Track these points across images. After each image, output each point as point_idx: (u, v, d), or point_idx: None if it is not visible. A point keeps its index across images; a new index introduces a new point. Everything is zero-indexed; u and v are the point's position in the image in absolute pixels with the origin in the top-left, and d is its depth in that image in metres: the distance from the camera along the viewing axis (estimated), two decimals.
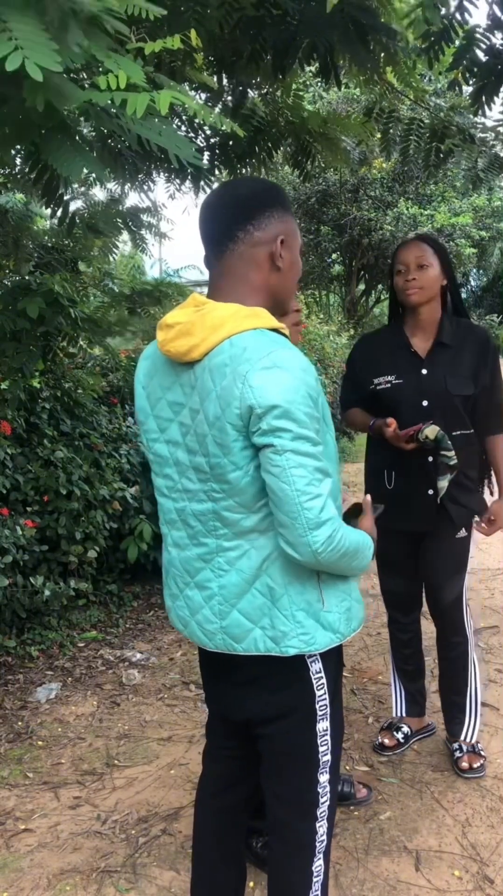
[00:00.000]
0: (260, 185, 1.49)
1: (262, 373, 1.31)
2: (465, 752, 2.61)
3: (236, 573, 1.44)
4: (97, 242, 3.67)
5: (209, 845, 1.77)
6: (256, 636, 1.45)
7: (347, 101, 10.95)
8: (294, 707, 1.50)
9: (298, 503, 1.32)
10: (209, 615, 1.49)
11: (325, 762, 1.52)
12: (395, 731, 2.75)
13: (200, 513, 1.46)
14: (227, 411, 1.34)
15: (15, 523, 3.51)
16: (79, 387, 4.29)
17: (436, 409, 2.36)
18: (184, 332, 1.40)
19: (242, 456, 1.36)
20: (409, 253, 2.38)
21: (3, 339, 3.14)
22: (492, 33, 2.93)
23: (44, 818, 2.45)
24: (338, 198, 13.37)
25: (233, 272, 1.44)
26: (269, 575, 1.43)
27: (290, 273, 1.48)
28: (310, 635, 1.44)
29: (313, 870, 1.56)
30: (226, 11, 2.59)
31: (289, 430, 1.31)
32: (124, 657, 3.66)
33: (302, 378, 1.34)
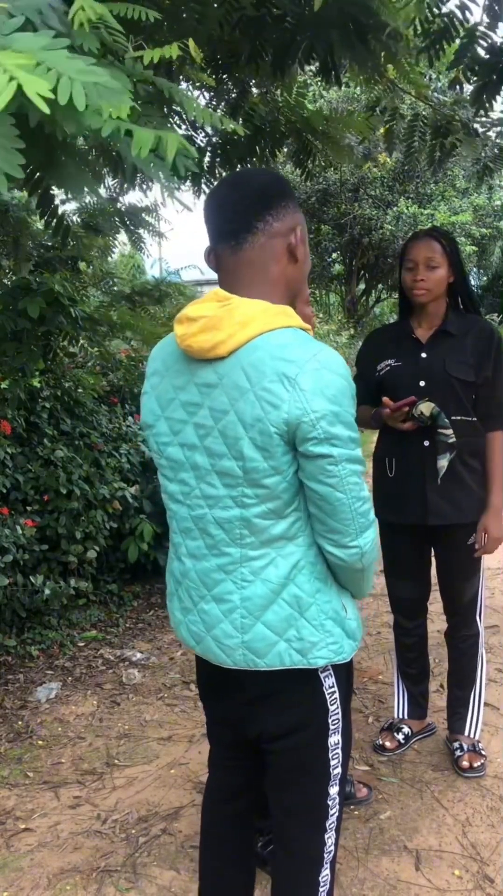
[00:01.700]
0: (271, 176, 1.44)
1: (312, 375, 1.26)
2: (466, 751, 2.60)
3: (261, 583, 1.38)
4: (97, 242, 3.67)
5: (216, 853, 1.75)
6: (281, 650, 1.39)
7: (348, 101, 10.95)
8: (306, 723, 1.46)
9: (353, 509, 1.32)
10: (229, 629, 1.41)
11: (336, 775, 1.50)
12: (396, 732, 2.75)
13: (225, 520, 1.38)
14: (271, 414, 1.27)
15: (15, 523, 3.51)
16: (79, 386, 4.29)
17: (433, 390, 2.35)
18: (209, 326, 1.32)
19: (284, 461, 1.31)
20: (420, 251, 2.38)
21: (3, 338, 3.14)
22: (493, 30, 2.93)
23: (44, 818, 2.45)
24: (339, 197, 13.37)
25: (252, 265, 1.36)
26: (297, 584, 1.37)
27: (305, 265, 1.44)
28: (338, 644, 1.41)
29: (320, 880, 1.55)
30: (226, 11, 2.58)
31: (342, 436, 1.28)
32: (124, 657, 3.66)
33: (347, 378, 1.31)
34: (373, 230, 13.27)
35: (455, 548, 2.51)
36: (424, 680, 2.79)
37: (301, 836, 1.54)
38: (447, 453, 2.32)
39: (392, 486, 2.48)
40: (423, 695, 2.79)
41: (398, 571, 2.64)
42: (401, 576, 2.64)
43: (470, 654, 2.63)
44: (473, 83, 3.22)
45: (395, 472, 2.47)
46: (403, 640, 2.74)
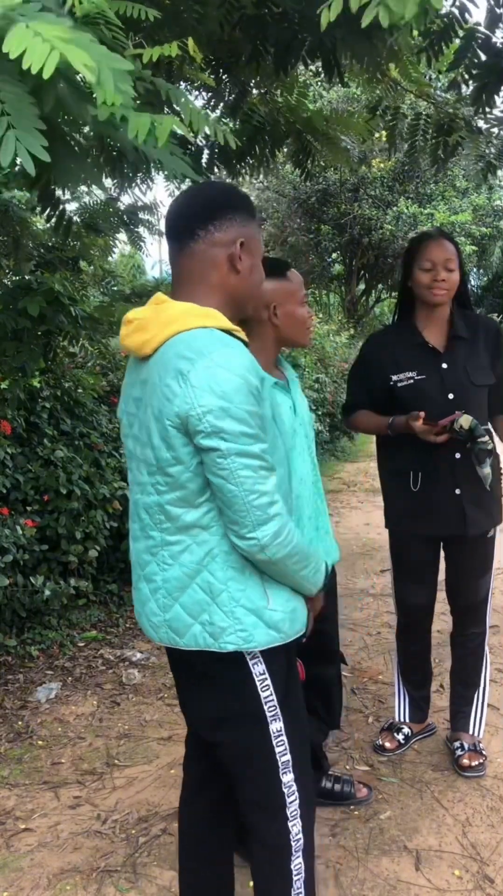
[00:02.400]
0: (226, 189, 1.55)
1: (203, 372, 1.34)
2: (467, 750, 2.60)
3: (178, 567, 1.46)
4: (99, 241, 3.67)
5: (192, 852, 1.78)
6: (196, 631, 1.47)
7: (348, 101, 10.95)
8: (240, 710, 1.51)
9: (247, 502, 1.37)
10: (154, 608, 1.52)
11: (286, 762, 1.53)
12: (396, 733, 2.74)
13: (148, 506, 1.49)
14: (167, 407, 1.37)
15: (15, 523, 3.51)
16: (79, 386, 4.29)
17: (461, 401, 2.35)
18: (139, 327, 1.46)
19: (184, 452, 1.39)
20: (439, 253, 2.36)
21: (3, 337, 3.13)
22: (492, 31, 2.93)
23: (44, 818, 2.45)
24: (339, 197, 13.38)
25: (192, 271, 1.47)
26: (210, 571, 1.44)
27: (250, 278, 1.51)
28: (247, 632, 1.45)
29: (292, 868, 1.57)
30: (226, 11, 2.58)
31: (230, 430, 1.35)
32: (124, 657, 3.66)
33: (244, 377, 1.36)
34: (373, 230, 13.27)
35: (472, 548, 2.50)
36: (426, 684, 2.78)
37: (262, 825, 1.58)
38: (488, 459, 2.32)
39: (418, 499, 2.43)
40: (425, 699, 2.78)
41: (413, 579, 2.60)
42: (415, 583, 2.60)
43: (477, 653, 2.63)
44: (473, 84, 3.22)
45: (422, 485, 2.43)
46: (410, 647, 2.71)
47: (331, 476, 8.45)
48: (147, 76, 1.49)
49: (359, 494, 7.54)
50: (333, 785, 2.43)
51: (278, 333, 1.95)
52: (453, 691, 2.70)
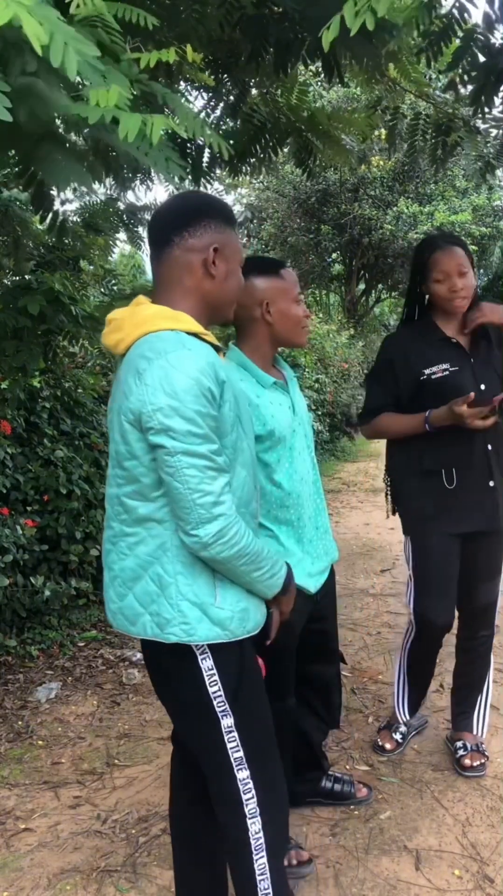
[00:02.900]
0: (202, 198, 1.61)
1: (156, 371, 1.40)
2: (469, 750, 2.59)
3: (133, 558, 1.52)
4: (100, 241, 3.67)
5: (179, 845, 1.81)
6: (145, 621, 1.52)
7: (348, 100, 10.96)
8: (190, 703, 1.56)
9: (191, 500, 1.41)
10: (112, 595, 1.58)
11: (240, 758, 1.55)
12: (394, 733, 2.74)
13: (110, 497, 1.56)
14: (124, 403, 1.44)
15: (15, 523, 3.51)
16: (79, 386, 4.29)
17: (492, 392, 2.33)
18: (116, 327, 1.53)
19: (138, 447, 1.45)
20: (450, 261, 2.33)
21: (3, 336, 3.13)
22: (491, 32, 2.93)
23: (44, 818, 2.45)
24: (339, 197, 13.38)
25: (168, 275, 1.53)
26: (161, 564, 1.49)
27: (226, 283, 1.56)
28: (190, 625, 1.48)
29: (255, 868, 1.58)
30: (226, 11, 2.58)
31: (178, 429, 1.39)
32: (124, 656, 3.66)
33: (196, 378, 1.40)
34: (373, 230, 13.27)
35: (488, 546, 2.48)
36: (428, 686, 2.77)
37: (224, 821, 1.62)
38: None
39: (456, 496, 2.39)
40: (423, 696, 2.79)
41: (434, 587, 2.47)
42: (436, 592, 2.47)
43: (485, 656, 2.61)
44: (471, 85, 3.21)
45: (458, 481, 2.38)
46: (423, 665, 2.66)
47: (332, 476, 8.45)
48: (143, 79, 1.48)
49: (359, 494, 7.54)
50: (333, 785, 2.43)
51: (273, 332, 1.94)
52: (458, 693, 2.68)
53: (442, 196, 13.52)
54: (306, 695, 2.25)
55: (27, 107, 1.31)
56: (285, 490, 1.94)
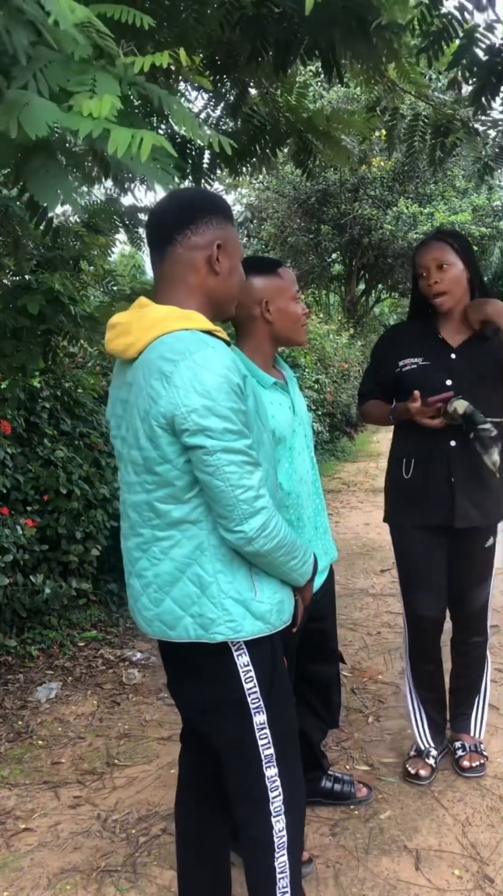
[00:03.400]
0: (201, 194, 1.61)
1: (185, 372, 1.39)
2: (468, 752, 2.58)
3: (169, 562, 1.51)
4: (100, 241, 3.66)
5: (184, 844, 1.80)
6: (187, 624, 1.51)
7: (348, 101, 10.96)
8: (224, 700, 1.55)
9: (233, 496, 1.41)
10: (146, 603, 1.56)
11: (270, 755, 1.55)
12: (426, 758, 2.56)
13: (137, 504, 1.53)
14: (153, 409, 1.42)
15: (15, 523, 3.51)
16: (79, 386, 4.29)
17: (461, 389, 2.28)
18: (123, 332, 1.51)
19: (171, 450, 1.43)
20: (427, 255, 2.31)
21: (3, 336, 3.13)
22: (492, 32, 2.93)
23: (44, 818, 2.45)
24: (339, 197, 13.38)
25: (172, 274, 1.52)
26: (200, 564, 1.49)
27: (230, 279, 1.56)
28: (236, 622, 1.49)
29: (276, 866, 1.58)
30: (226, 11, 2.58)
31: (215, 427, 1.39)
32: (124, 656, 3.66)
33: (224, 375, 1.40)
34: (372, 230, 13.27)
35: (470, 551, 2.46)
36: (444, 702, 2.65)
37: (246, 819, 1.61)
38: (494, 447, 2.23)
39: (411, 487, 2.40)
40: (443, 717, 2.65)
41: (417, 581, 2.49)
42: (421, 586, 2.49)
43: (479, 661, 2.59)
44: (472, 84, 3.22)
45: (413, 472, 2.39)
46: (425, 667, 2.56)
47: (331, 476, 8.45)
48: (140, 82, 1.48)
49: (359, 494, 7.54)
50: (333, 785, 2.43)
51: (272, 331, 1.95)
52: (454, 696, 2.66)
53: (442, 196, 13.53)
54: (306, 694, 2.25)
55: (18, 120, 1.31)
56: (285, 490, 1.94)
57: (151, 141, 1.32)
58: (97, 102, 1.30)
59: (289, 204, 13.86)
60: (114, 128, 1.30)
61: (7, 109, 1.31)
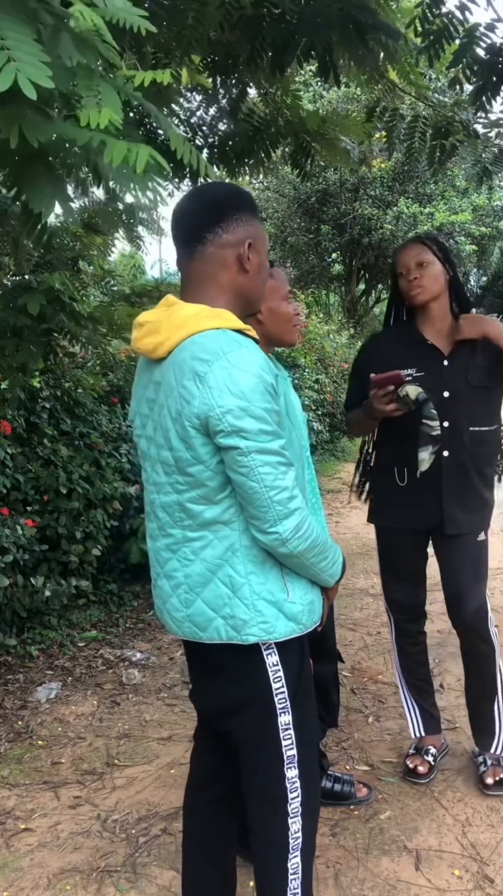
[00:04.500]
0: (228, 190, 1.57)
1: (219, 373, 1.37)
2: (490, 766, 2.51)
3: (200, 563, 1.49)
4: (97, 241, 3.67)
5: (192, 844, 1.80)
6: (218, 625, 1.50)
7: (347, 101, 10.96)
8: (250, 699, 1.54)
9: (268, 498, 1.40)
10: (176, 604, 1.55)
11: (291, 757, 1.54)
12: (425, 755, 2.59)
13: (167, 504, 1.52)
14: (186, 409, 1.40)
15: (15, 523, 3.51)
16: (79, 386, 4.28)
17: (456, 400, 2.34)
18: (151, 330, 1.48)
19: (204, 451, 1.42)
20: (407, 254, 2.37)
21: (3, 336, 3.13)
22: (492, 31, 2.93)
23: (44, 818, 2.45)
24: (339, 197, 13.37)
25: (202, 273, 1.50)
26: (231, 565, 1.48)
27: (258, 275, 1.55)
28: (269, 624, 1.48)
29: (289, 867, 1.57)
30: (226, 11, 2.58)
31: (249, 428, 1.38)
32: (124, 657, 3.66)
33: (259, 375, 1.39)
34: (373, 230, 13.25)
35: (461, 549, 2.45)
36: (430, 689, 2.67)
37: (262, 819, 1.59)
38: (430, 446, 2.23)
39: (404, 494, 2.42)
40: (434, 705, 2.67)
41: (396, 574, 2.58)
42: (400, 579, 2.58)
43: (490, 670, 2.52)
44: (473, 83, 3.21)
45: (408, 481, 2.40)
46: (409, 648, 2.62)
47: (331, 476, 8.44)
48: (138, 97, 1.49)
49: None
50: (333, 785, 2.43)
51: (264, 331, 1.94)
52: (472, 709, 2.59)
53: (442, 196, 13.51)
54: None
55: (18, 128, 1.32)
56: None
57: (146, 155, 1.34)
58: (96, 113, 1.31)
59: (289, 204, 13.86)
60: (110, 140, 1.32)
61: (10, 117, 1.32)
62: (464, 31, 2.93)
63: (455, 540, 2.45)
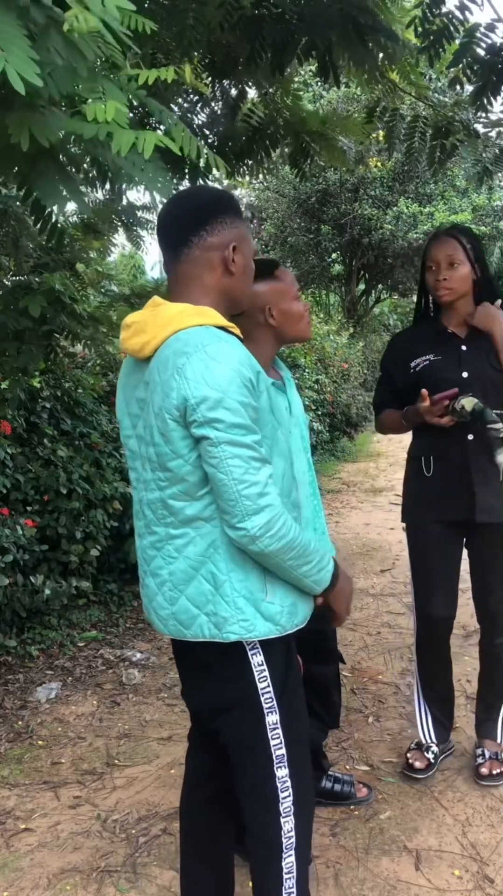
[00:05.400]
0: (212, 194, 1.60)
1: (197, 365, 1.39)
2: (488, 759, 2.52)
3: (184, 560, 1.50)
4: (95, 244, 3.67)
5: (187, 844, 1.80)
6: (202, 622, 1.50)
7: (348, 101, 10.96)
8: (237, 699, 1.55)
9: (236, 491, 1.39)
10: (162, 601, 1.56)
11: (281, 756, 1.55)
12: (425, 752, 2.57)
13: (151, 501, 1.53)
14: (166, 402, 1.42)
15: (15, 523, 3.51)
16: (79, 386, 4.29)
17: (476, 380, 2.31)
18: (138, 330, 1.51)
19: (183, 445, 1.43)
20: (441, 250, 2.34)
21: (4, 338, 3.13)
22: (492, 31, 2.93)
23: (44, 818, 2.45)
24: (339, 197, 13.37)
25: (188, 275, 1.53)
26: (214, 562, 1.48)
27: (243, 276, 1.57)
28: (249, 622, 1.48)
29: (283, 866, 1.57)
30: (226, 12, 2.58)
31: (222, 419, 1.38)
32: (124, 657, 3.66)
33: (236, 369, 1.40)
34: (373, 230, 13.26)
35: (493, 548, 2.43)
36: (449, 701, 2.64)
37: (255, 819, 1.60)
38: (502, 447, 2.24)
39: (431, 485, 2.40)
40: (449, 717, 2.65)
41: (430, 581, 2.48)
42: (434, 586, 2.47)
43: (501, 666, 2.52)
44: (473, 83, 3.21)
45: (434, 470, 2.40)
46: (433, 667, 2.57)
47: (331, 476, 8.45)
48: (142, 95, 1.50)
49: (358, 494, 7.54)
50: (333, 785, 2.43)
51: (277, 333, 1.96)
52: (481, 700, 2.59)
53: (442, 196, 13.52)
54: (306, 694, 2.24)
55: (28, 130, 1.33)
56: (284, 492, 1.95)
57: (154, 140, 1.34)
58: (102, 107, 1.32)
59: (289, 204, 13.87)
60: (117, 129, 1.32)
61: (19, 120, 1.33)
62: (464, 31, 2.93)
63: (488, 530, 2.41)
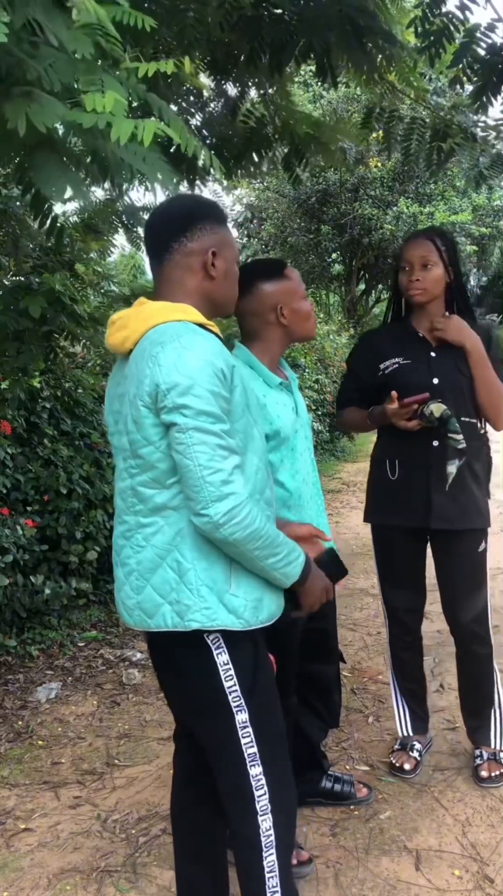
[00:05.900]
0: (194, 201, 1.66)
1: (170, 353, 1.43)
2: (486, 760, 2.52)
3: (151, 549, 1.52)
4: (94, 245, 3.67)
5: (180, 845, 1.81)
6: (165, 611, 1.51)
7: (348, 101, 10.96)
8: (205, 699, 1.56)
9: (200, 477, 1.41)
10: (129, 591, 1.57)
11: (253, 754, 1.55)
12: (411, 751, 2.60)
13: (123, 490, 1.56)
14: (139, 389, 1.46)
15: (15, 523, 3.51)
16: (79, 386, 4.29)
17: (446, 387, 2.30)
18: (121, 326, 1.57)
19: (154, 432, 1.46)
20: (415, 251, 2.33)
21: (4, 338, 3.13)
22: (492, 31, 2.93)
23: (44, 818, 2.45)
24: (339, 197, 13.37)
25: (170, 278, 1.59)
26: (180, 550, 1.50)
27: (225, 281, 1.62)
28: (211, 610, 1.49)
29: (264, 865, 1.58)
30: (225, 12, 2.59)
31: (191, 406, 1.41)
32: (124, 657, 3.66)
33: (208, 359, 1.44)
34: (373, 230, 13.25)
35: (458, 556, 2.42)
36: (423, 693, 2.67)
37: (235, 819, 1.62)
38: (456, 459, 2.25)
39: (394, 488, 2.41)
40: (425, 710, 2.68)
41: (395, 580, 2.55)
42: (398, 585, 2.55)
43: (487, 675, 2.51)
44: (473, 83, 3.21)
45: (399, 473, 2.40)
46: (401, 653, 2.61)
47: (331, 476, 8.45)
48: (141, 90, 1.50)
49: (358, 494, 7.54)
50: (333, 785, 2.43)
51: (287, 331, 2.00)
52: (466, 709, 2.59)
53: (442, 196, 13.51)
54: (306, 694, 2.25)
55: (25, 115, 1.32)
56: (288, 490, 1.95)
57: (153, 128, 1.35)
58: (101, 98, 1.32)
59: (289, 204, 13.86)
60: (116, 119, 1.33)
61: (17, 107, 1.32)
62: (464, 30, 2.93)
63: (450, 543, 2.41)
